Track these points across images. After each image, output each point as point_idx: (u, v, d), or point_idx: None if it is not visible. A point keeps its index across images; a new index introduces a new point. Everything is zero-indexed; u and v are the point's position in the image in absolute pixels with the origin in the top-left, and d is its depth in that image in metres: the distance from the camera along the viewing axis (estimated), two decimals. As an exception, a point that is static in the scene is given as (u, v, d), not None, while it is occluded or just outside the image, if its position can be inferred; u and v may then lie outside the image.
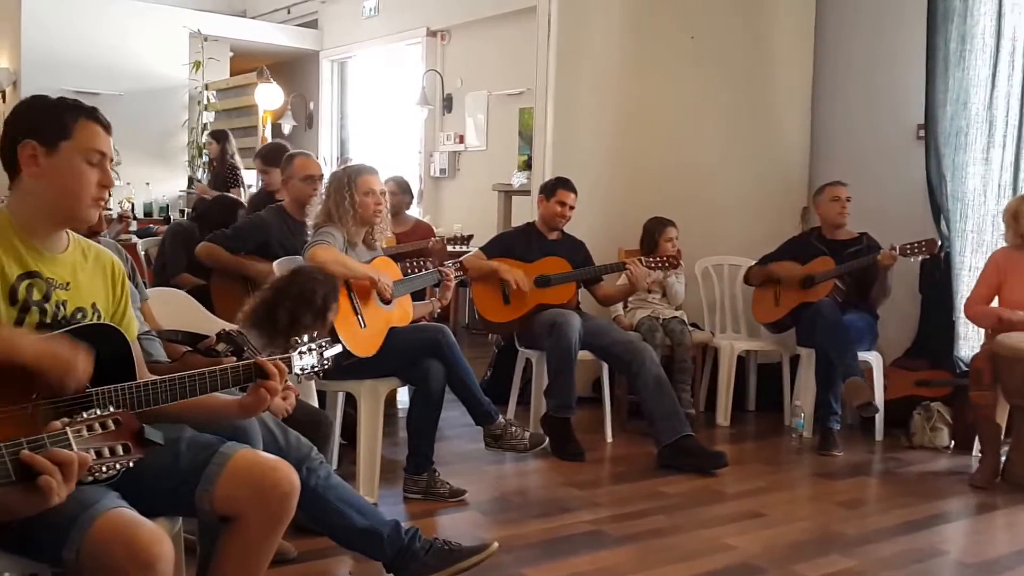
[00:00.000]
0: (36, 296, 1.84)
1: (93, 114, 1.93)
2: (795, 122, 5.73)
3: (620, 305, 5.00)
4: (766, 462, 4.38)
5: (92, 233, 2.51)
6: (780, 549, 3.18)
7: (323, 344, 2.19)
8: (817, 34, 5.73)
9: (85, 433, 1.48)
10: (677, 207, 5.10)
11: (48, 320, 1.86)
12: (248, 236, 4.12)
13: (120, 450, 1.53)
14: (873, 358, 4.73)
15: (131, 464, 1.56)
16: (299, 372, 2.14)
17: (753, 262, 5.13)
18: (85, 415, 1.51)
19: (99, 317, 1.96)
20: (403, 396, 4.76)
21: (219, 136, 7.97)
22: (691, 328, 4.99)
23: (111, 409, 1.55)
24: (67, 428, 1.47)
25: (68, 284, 1.91)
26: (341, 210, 3.54)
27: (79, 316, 1.91)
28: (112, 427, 1.52)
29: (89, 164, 1.88)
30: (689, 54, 5.52)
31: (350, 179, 3.57)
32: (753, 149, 5.63)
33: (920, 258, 4.60)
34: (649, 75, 5.49)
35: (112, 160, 1.95)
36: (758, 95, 5.65)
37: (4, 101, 9.90)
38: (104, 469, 1.51)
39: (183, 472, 1.96)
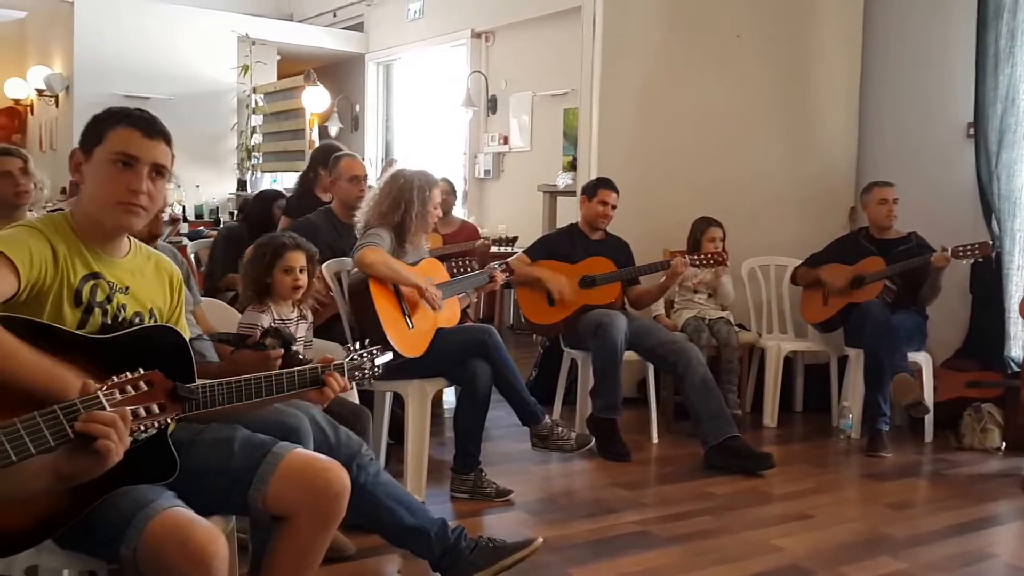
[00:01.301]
0: (99, 297, 1.87)
1: (134, 121, 1.89)
2: (842, 120, 5.69)
3: (663, 306, 4.98)
4: (813, 463, 4.35)
5: (152, 237, 2.55)
6: (828, 551, 3.17)
7: (374, 352, 2.23)
8: (865, 31, 5.68)
9: (118, 395, 1.49)
10: (723, 207, 5.08)
11: (110, 321, 1.89)
12: None
13: (156, 409, 1.54)
14: (923, 359, 4.68)
15: (169, 421, 1.57)
16: (351, 381, 2.18)
17: (799, 262, 5.10)
18: (116, 378, 1.51)
19: (156, 322, 1.99)
20: (449, 396, 4.80)
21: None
22: (738, 329, 4.96)
23: (142, 371, 1.56)
24: (99, 392, 1.48)
25: (127, 288, 1.94)
26: (409, 216, 3.56)
27: (136, 320, 1.95)
28: (145, 388, 1.53)
29: (115, 166, 1.86)
30: (735, 52, 5.49)
31: (427, 189, 3.59)
32: (800, 148, 5.59)
33: (972, 260, 4.53)
34: (695, 74, 5.48)
35: (158, 169, 1.90)
36: (805, 93, 5.61)
37: (57, 106, 10.15)
38: (143, 428, 1.52)
39: (236, 472, 2.00)
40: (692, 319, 4.85)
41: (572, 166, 7.57)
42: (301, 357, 2.63)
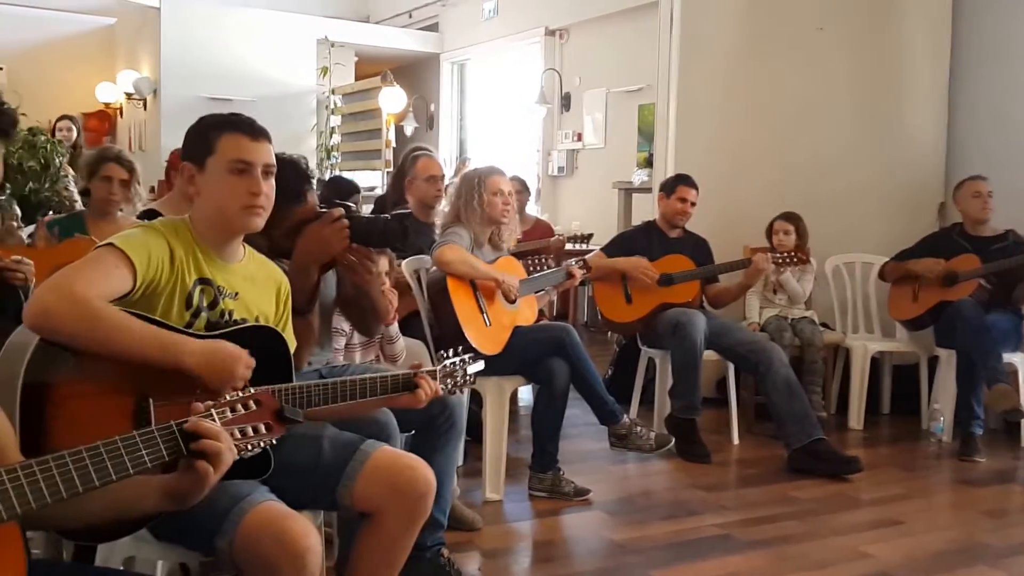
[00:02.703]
0: (207, 302, 1.92)
1: (238, 126, 1.96)
2: (931, 114, 5.49)
3: (756, 312, 4.83)
4: (903, 467, 4.21)
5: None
6: (921, 559, 3.06)
7: (467, 360, 2.24)
8: (954, 20, 5.47)
9: (228, 414, 1.53)
10: (804, 203, 4.94)
11: (215, 323, 1.93)
12: None
13: (262, 429, 1.58)
14: (1019, 360, 4.48)
15: (274, 442, 1.61)
16: (443, 389, 2.20)
17: (886, 259, 4.94)
18: (227, 397, 1.56)
19: None
20: (524, 394, 4.77)
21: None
22: (822, 328, 4.83)
23: (251, 391, 1.60)
24: (212, 410, 1.52)
25: (236, 294, 1.98)
26: (469, 210, 3.57)
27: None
28: (253, 407, 1.57)
29: (234, 174, 1.92)
30: (817, 45, 5.34)
31: (480, 179, 3.60)
32: (886, 142, 5.41)
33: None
34: (775, 67, 5.34)
35: (268, 169, 1.96)
36: (891, 86, 5.43)
37: (145, 109, 10.44)
38: (249, 447, 1.56)
39: (325, 469, 2.03)
40: (774, 318, 4.73)
41: (648, 162, 7.50)
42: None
